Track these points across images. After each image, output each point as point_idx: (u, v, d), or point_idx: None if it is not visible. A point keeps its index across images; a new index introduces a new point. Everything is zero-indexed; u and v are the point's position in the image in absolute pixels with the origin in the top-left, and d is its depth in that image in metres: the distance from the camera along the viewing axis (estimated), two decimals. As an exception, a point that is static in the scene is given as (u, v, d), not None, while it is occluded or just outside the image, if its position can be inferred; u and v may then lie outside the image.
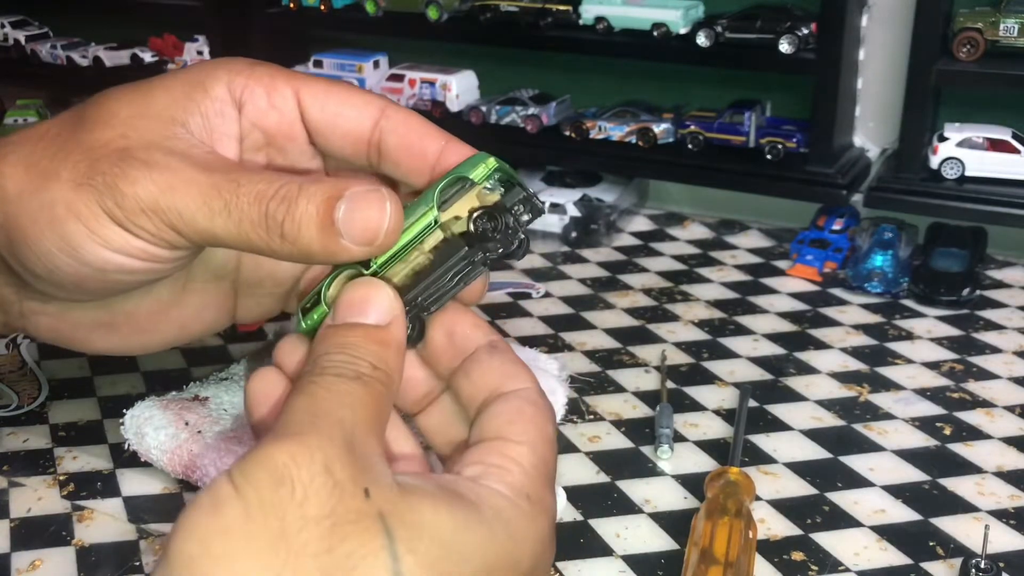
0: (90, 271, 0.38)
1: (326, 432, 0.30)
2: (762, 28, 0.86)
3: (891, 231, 0.82)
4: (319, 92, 0.41)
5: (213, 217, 0.36)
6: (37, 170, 0.38)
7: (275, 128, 0.41)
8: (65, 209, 0.37)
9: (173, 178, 0.36)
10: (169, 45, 1.18)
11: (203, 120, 0.40)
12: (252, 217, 0.36)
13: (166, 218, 0.37)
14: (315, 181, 0.36)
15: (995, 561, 0.49)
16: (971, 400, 0.65)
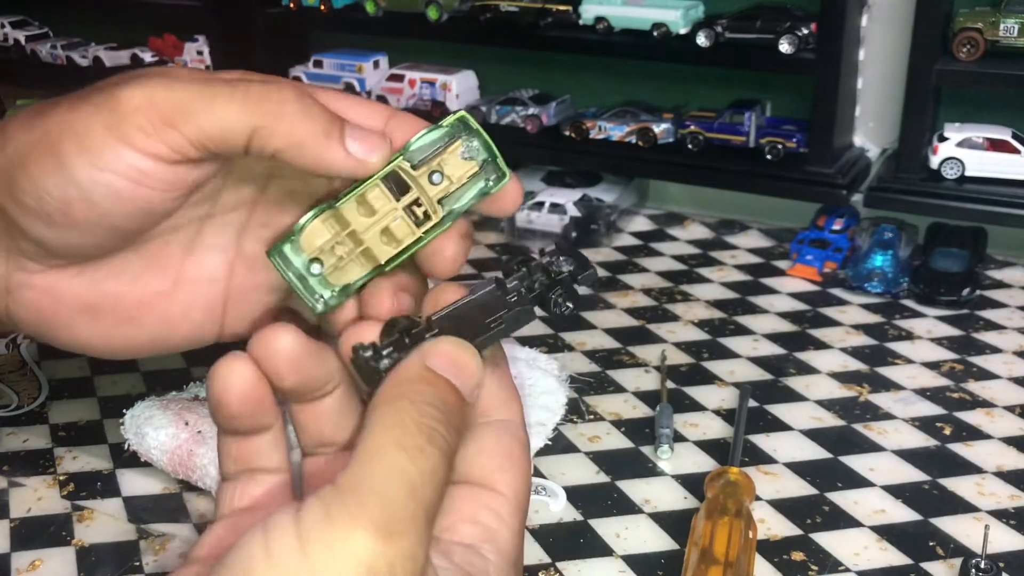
0: (77, 192, 0.37)
1: (420, 529, 0.29)
2: (762, 28, 0.86)
3: (891, 231, 0.82)
4: (329, 98, 0.40)
5: (214, 100, 0.36)
6: (38, 113, 0.38)
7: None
8: (59, 128, 0.37)
9: (171, 80, 0.37)
10: (169, 45, 1.18)
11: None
12: (259, 92, 0.36)
13: (162, 111, 0.36)
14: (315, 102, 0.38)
15: (995, 561, 0.49)
16: (971, 400, 0.65)
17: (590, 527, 0.54)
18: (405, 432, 0.30)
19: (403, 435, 0.30)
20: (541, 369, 0.65)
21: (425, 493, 0.29)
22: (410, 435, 0.30)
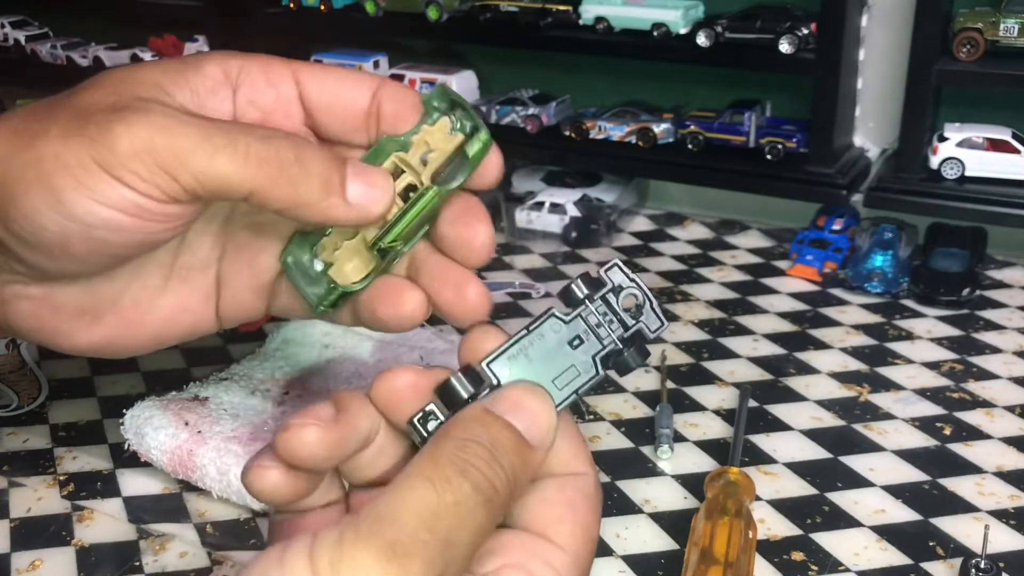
0: (76, 227, 0.36)
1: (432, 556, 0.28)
2: (762, 28, 0.86)
3: (891, 231, 0.82)
4: (316, 72, 0.40)
5: (215, 153, 0.35)
6: (26, 132, 0.37)
7: (272, 105, 0.40)
8: (53, 161, 0.36)
9: (172, 120, 0.35)
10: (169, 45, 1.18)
11: (192, 95, 0.39)
12: (260, 152, 0.35)
13: (160, 159, 0.35)
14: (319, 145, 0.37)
15: (995, 561, 0.49)
16: (971, 400, 0.65)
17: (590, 527, 0.54)
18: (436, 465, 0.30)
19: (433, 468, 0.30)
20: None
21: (446, 523, 0.29)
22: (440, 467, 0.30)
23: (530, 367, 0.35)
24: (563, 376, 0.35)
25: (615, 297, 0.36)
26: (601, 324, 0.35)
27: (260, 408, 0.59)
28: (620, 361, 0.35)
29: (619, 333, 0.35)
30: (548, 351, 0.35)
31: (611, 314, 0.35)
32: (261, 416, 0.58)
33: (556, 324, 0.35)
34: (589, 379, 0.35)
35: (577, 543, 0.33)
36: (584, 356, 0.35)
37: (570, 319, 0.35)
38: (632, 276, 0.36)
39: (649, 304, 0.36)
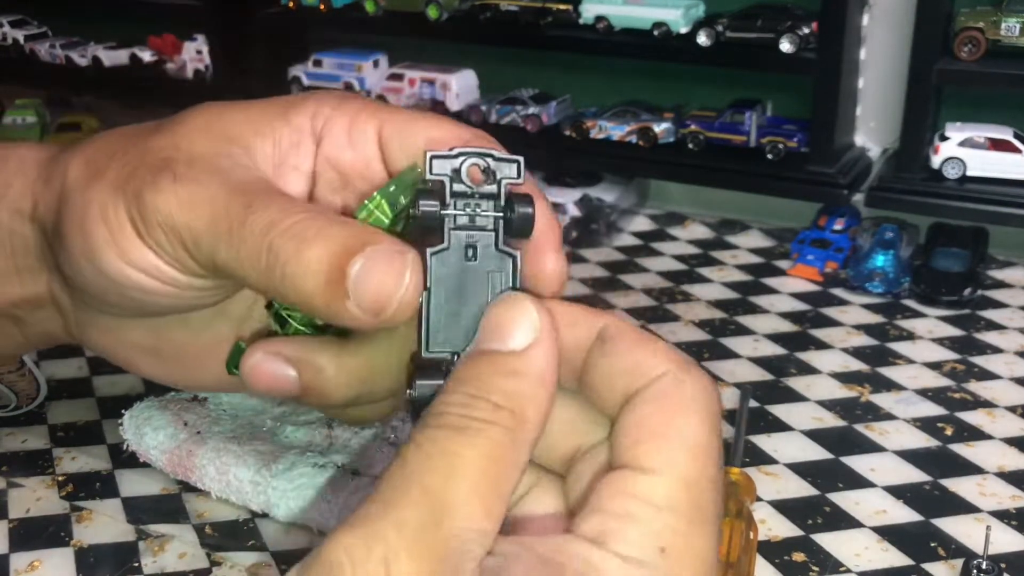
0: (107, 283, 0.36)
1: (397, 514, 0.25)
2: (763, 27, 0.86)
3: (892, 231, 0.82)
4: (401, 125, 0.36)
5: (218, 243, 0.33)
6: (93, 166, 0.36)
7: (349, 166, 0.37)
8: (97, 211, 0.35)
9: (196, 194, 0.33)
10: (168, 44, 1.18)
11: (274, 148, 0.36)
12: (252, 249, 0.32)
13: (178, 236, 0.33)
14: (340, 223, 0.31)
15: (996, 562, 0.49)
16: (972, 400, 0.65)
17: (590, 528, 0.53)
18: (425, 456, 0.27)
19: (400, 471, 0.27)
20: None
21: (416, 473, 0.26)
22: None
23: (458, 316, 0.31)
24: (492, 292, 0.31)
25: (458, 185, 0.31)
26: (472, 217, 0.31)
27: (260, 408, 0.59)
28: (515, 227, 0.31)
29: (495, 207, 0.31)
30: (459, 288, 0.31)
31: (469, 200, 0.31)
32: (261, 416, 0.58)
33: (439, 260, 0.31)
34: (511, 270, 0.31)
35: (680, 462, 0.27)
36: (488, 257, 0.31)
37: (444, 245, 0.31)
38: (449, 152, 0.31)
39: (489, 158, 0.31)
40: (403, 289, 0.30)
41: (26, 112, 1.16)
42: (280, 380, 0.35)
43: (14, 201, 0.39)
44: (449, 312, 0.31)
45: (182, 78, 1.15)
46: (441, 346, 0.31)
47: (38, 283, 0.40)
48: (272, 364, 0.35)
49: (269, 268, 0.31)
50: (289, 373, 0.34)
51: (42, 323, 0.42)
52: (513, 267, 0.31)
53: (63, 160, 0.38)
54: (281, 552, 0.52)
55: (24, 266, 0.40)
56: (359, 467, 0.54)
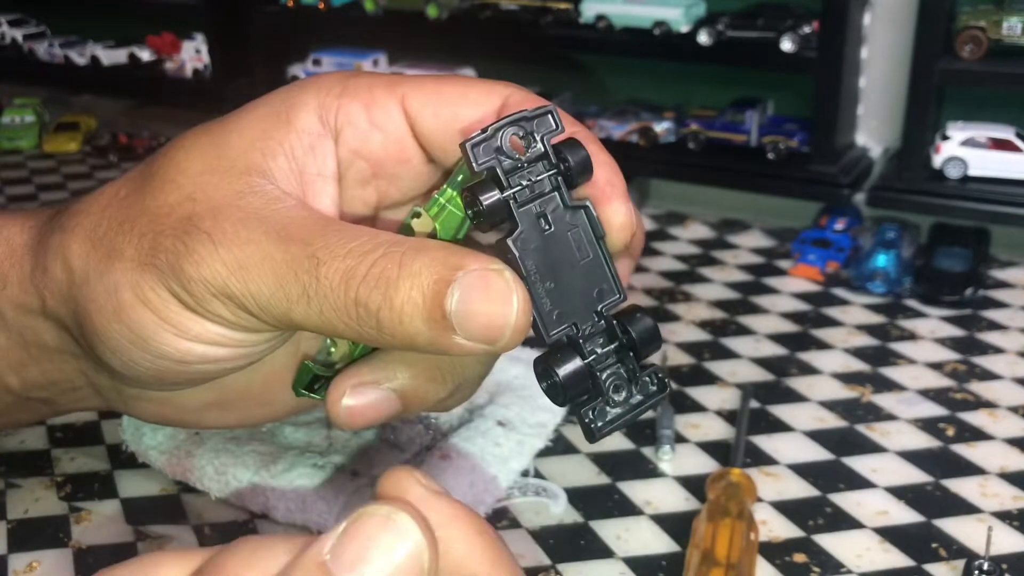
0: (169, 364, 0.33)
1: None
2: (764, 26, 0.86)
3: (894, 231, 0.82)
4: (429, 94, 0.33)
5: (291, 305, 0.30)
6: (102, 246, 0.32)
7: (382, 152, 0.34)
8: (132, 295, 0.31)
9: (245, 255, 0.30)
10: (167, 43, 1.18)
11: (289, 161, 0.33)
12: (337, 305, 0.29)
13: (240, 303, 0.30)
14: (419, 251, 0.29)
15: (998, 563, 0.49)
16: (974, 401, 0.65)
17: (590, 529, 0.53)
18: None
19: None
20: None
21: None
22: None
23: (561, 288, 0.30)
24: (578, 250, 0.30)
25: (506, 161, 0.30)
26: (531, 186, 0.30)
27: (259, 409, 0.59)
28: (575, 176, 0.30)
29: (547, 166, 0.30)
30: (548, 261, 0.30)
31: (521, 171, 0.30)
32: (260, 417, 0.58)
33: (522, 246, 0.30)
34: (587, 221, 0.30)
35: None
36: (562, 218, 0.30)
37: (520, 229, 0.30)
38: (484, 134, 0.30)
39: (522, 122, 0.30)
40: (514, 314, 0.28)
41: (24, 112, 1.16)
42: (379, 407, 0.32)
43: (16, 296, 0.36)
44: (551, 290, 0.30)
45: (181, 77, 1.15)
46: (559, 325, 0.30)
47: (64, 370, 0.37)
48: (365, 397, 0.32)
49: (362, 320, 0.29)
50: (383, 395, 0.32)
51: (76, 403, 0.39)
52: (588, 218, 0.30)
53: (57, 243, 0.34)
54: (280, 553, 0.51)
55: (42, 356, 0.37)
56: (359, 468, 0.54)
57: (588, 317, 0.30)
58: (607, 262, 0.31)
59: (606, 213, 0.31)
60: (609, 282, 0.31)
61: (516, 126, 0.30)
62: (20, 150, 1.13)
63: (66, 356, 0.36)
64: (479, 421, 0.57)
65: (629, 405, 0.31)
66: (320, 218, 0.31)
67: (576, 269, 0.30)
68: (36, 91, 1.22)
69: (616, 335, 0.31)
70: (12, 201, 1.01)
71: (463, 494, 0.53)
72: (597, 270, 0.30)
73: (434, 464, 0.54)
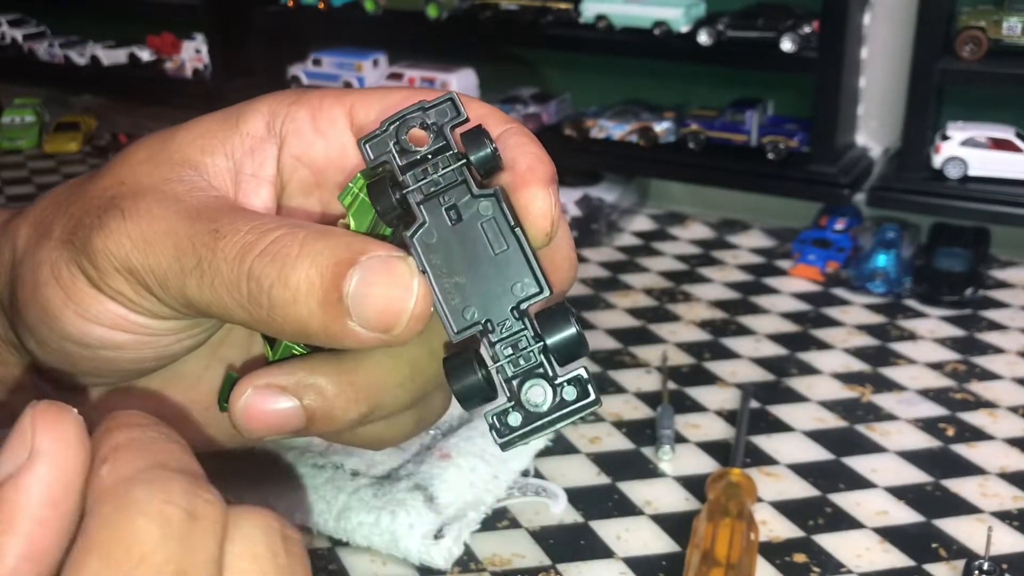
0: (73, 346, 0.32)
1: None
2: (764, 26, 0.85)
3: (894, 231, 0.82)
4: (373, 102, 0.32)
5: (185, 278, 0.29)
6: (41, 226, 0.32)
7: (323, 159, 0.33)
8: (48, 271, 0.31)
9: (151, 229, 0.29)
10: (167, 43, 1.18)
11: (227, 160, 0.32)
12: (230, 279, 0.28)
13: (141, 279, 0.30)
14: (324, 235, 0.28)
15: (998, 563, 0.49)
16: (974, 401, 0.65)
17: (591, 529, 0.53)
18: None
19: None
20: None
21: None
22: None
23: (474, 281, 0.28)
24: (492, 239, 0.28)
25: (407, 156, 0.28)
26: (436, 180, 0.28)
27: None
28: (480, 165, 0.29)
29: (453, 157, 0.28)
30: (459, 254, 0.28)
31: (426, 163, 0.28)
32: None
33: (423, 239, 0.28)
34: (499, 209, 0.28)
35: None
36: (472, 209, 0.28)
37: (420, 221, 0.28)
38: (380, 130, 0.29)
39: (419, 112, 0.28)
40: (413, 299, 0.27)
41: (24, 112, 1.16)
42: (280, 416, 0.30)
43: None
44: (460, 285, 0.28)
45: (181, 77, 1.15)
46: (468, 322, 0.28)
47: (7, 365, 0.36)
48: (266, 399, 0.30)
49: (252, 298, 0.28)
50: (288, 404, 0.30)
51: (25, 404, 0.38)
52: (499, 205, 0.28)
53: (12, 228, 0.34)
54: (280, 553, 0.51)
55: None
56: (358, 468, 0.54)
57: (503, 314, 0.28)
58: (527, 254, 0.28)
59: (521, 200, 0.29)
60: (529, 276, 0.28)
61: (413, 116, 0.28)
62: (20, 150, 1.13)
63: (10, 348, 0.36)
64: (479, 421, 0.57)
65: (541, 414, 0.28)
66: (234, 204, 0.31)
67: (490, 262, 0.28)
68: (36, 91, 1.22)
69: (539, 334, 0.28)
70: (12, 201, 1.01)
71: (463, 493, 0.53)
72: (515, 263, 0.28)
73: (434, 463, 0.54)
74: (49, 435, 0.23)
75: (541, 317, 0.28)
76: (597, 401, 0.28)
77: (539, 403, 0.28)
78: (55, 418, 0.23)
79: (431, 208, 0.28)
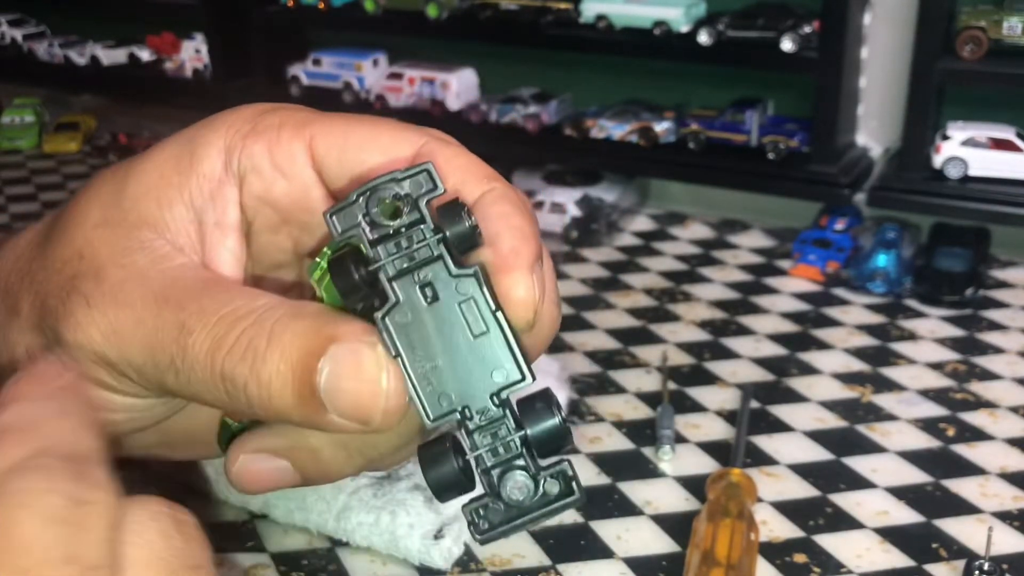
0: None
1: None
2: (764, 26, 0.85)
3: (894, 231, 0.82)
4: (336, 137, 0.31)
5: (162, 375, 0.28)
6: (9, 298, 0.32)
7: (286, 200, 0.31)
8: (24, 352, 0.31)
9: (119, 320, 0.28)
10: (167, 43, 1.18)
11: (187, 211, 0.31)
12: (204, 378, 0.27)
13: (119, 369, 0.29)
14: (291, 319, 0.27)
15: (998, 563, 0.49)
16: (974, 401, 0.65)
17: (591, 529, 0.53)
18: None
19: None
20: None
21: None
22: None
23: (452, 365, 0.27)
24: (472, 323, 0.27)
25: (377, 222, 0.27)
26: (410, 255, 0.27)
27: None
28: (459, 242, 0.27)
29: (428, 231, 0.27)
30: (435, 336, 0.27)
31: (399, 238, 0.27)
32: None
33: (395, 319, 0.27)
34: (480, 290, 0.26)
35: None
36: (450, 288, 0.27)
37: (392, 301, 0.27)
38: (348, 200, 0.27)
39: (392, 183, 0.27)
40: (383, 395, 0.26)
41: (24, 111, 1.16)
42: (274, 476, 0.30)
43: None
44: (435, 369, 0.26)
45: (181, 77, 1.15)
46: (444, 409, 0.27)
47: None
48: (259, 464, 0.30)
49: (231, 395, 0.27)
50: (280, 465, 0.30)
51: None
52: (479, 286, 0.26)
53: None
54: (280, 553, 0.51)
55: None
56: (358, 468, 0.54)
57: (482, 401, 0.26)
58: (507, 338, 0.26)
59: (503, 285, 0.27)
60: (510, 361, 0.26)
61: (385, 188, 0.27)
62: (20, 150, 1.13)
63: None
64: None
65: (523, 509, 0.26)
66: (204, 278, 0.30)
67: (469, 346, 0.26)
68: (36, 91, 1.22)
69: (520, 424, 0.26)
70: (12, 201, 1.01)
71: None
72: (495, 347, 0.26)
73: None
74: None
75: (523, 406, 0.27)
76: (582, 498, 0.27)
77: (520, 498, 0.26)
78: None
79: (404, 285, 0.27)
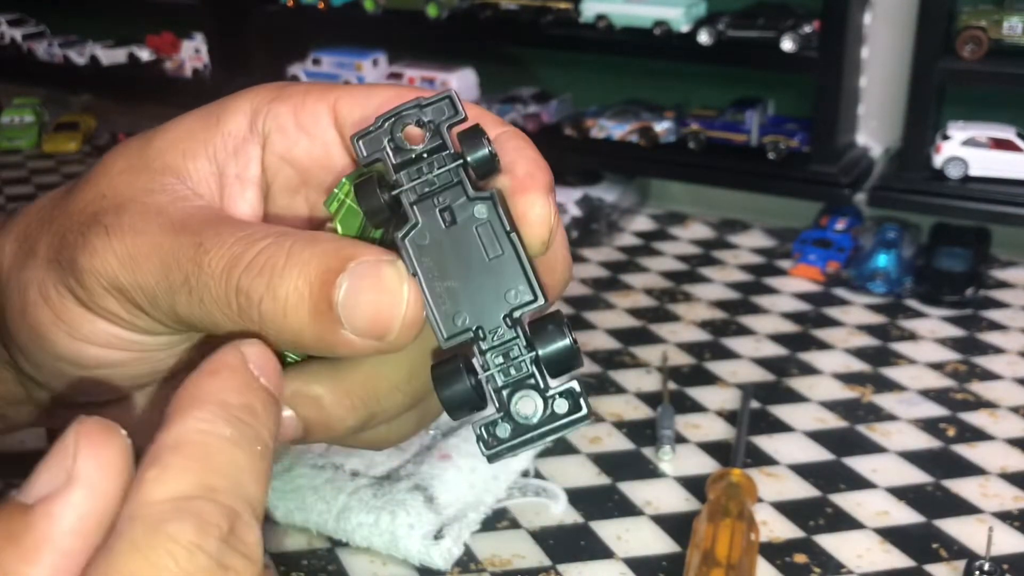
0: (68, 367, 0.31)
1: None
2: (764, 26, 0.85)
3: (894, 231, 0.82)
4: (358, 99, 0.31)
5: (174, 295, 0.28)
6: (26, 245, 0.32)
7: (307, 158, 0.32)
8: (36, 292, 0.30)
9: (136, 245, 0.29)
10: (167, 43, 1.18)
11: (210, 163, 0.32)
12: (218, 295, 0.27)
13: (130, 296, 0.29)
14: (311, 242, 0.27)
15: (999, 563, 0.49)
16: (975, 401, 0.65)
17: (591, 529, 0.53)
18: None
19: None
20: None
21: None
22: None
23: (467, 286, 0.27)
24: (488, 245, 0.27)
25: (402, 154, 0.28)
26: (431, 180, 0.28)
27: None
28: (477, 166, 0.28)
29: (449, 156, 0.28)
30: (452, 258, 0.27)
31: (420, 163, 0.28)
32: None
33: (415, 240, 0.27)
34: (495, 213, 0.27)
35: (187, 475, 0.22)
36: (468, 212, 0.27)
37: (412, 222, 0.27)
38: (375, 125, 0.28)
39: (416, 109, 0.28)
40: (403, 305, 0.27)
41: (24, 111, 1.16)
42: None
43: None
44: (451, 290, 0.27)
45: (180, 77, 1.15)
46: (459, 328, 0.27)
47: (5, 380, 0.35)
48: None
49: (243, 312, 0.27)
50: (284, 415, 0.29)
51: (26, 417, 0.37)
52: (495, 209, 0.27)
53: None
54: (280, 553, 0.51)
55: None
56: (358, 468, 0.54)
57: (495, 321, 0.27)
58: (521, 260, 0.27)
59: (520, 206, 0.28)
60: (524, 283, 0.27)
61: (410, 113, 0.28)
62: (20, 150, 1.13)
63: (5, 366, 0.35)
64: (479, 421, 0.57)
65: (531, 427, 0.27)
66: (220, 213, 0.30)
67: (484, 268, 0.27)
68: (36, 91, 1.22)
69: (532, 344, 0.27)
70: (12, 201, 1.00)
71: (463, 494, 0.53)
72: (509, 269, 0.27)
73: (434, 464, 0.54)
74: (91, 460, 0.22)
75: (534, 327, 0.27)
76: (589, 415, 0.27)
77: (529, 415, 0.27)
78: (100, 440, 0.22)
79: (424, 209, 0.27)
